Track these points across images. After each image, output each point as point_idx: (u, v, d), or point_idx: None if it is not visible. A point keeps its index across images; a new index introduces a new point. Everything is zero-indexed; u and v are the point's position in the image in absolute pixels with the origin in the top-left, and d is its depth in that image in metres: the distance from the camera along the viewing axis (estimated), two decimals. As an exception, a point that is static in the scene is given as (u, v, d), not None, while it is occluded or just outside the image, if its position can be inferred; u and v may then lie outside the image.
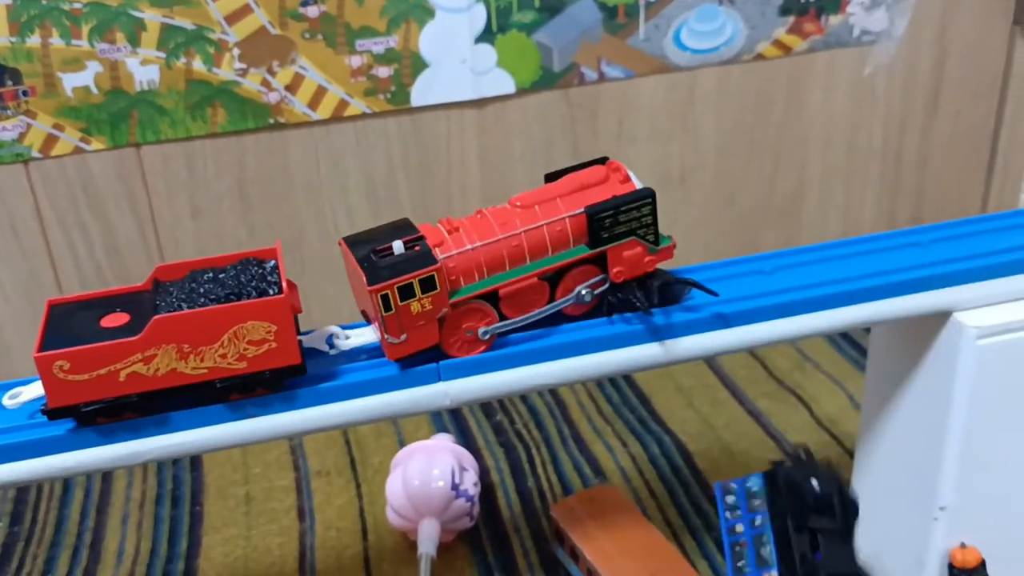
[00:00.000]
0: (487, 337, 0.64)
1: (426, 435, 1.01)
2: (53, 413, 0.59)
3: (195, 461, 1.06)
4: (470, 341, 0.64)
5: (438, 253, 0.61)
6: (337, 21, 1.02)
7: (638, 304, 0.66)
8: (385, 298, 0.59)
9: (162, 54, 0.99)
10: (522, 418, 1.11)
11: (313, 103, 1.05)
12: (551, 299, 0.66)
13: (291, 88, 1.03)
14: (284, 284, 0.60)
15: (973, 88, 1.30)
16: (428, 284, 0.60)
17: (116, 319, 0.60)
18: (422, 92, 1.07)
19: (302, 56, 1.02)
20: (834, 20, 1.19)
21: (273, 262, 0.63)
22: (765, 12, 1.15)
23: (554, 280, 0.65)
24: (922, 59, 1.26)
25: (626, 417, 1.10)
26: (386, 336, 0.61)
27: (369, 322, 0.65)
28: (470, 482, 0.90)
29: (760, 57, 1.18)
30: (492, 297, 0.64)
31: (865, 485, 0.84)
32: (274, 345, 0.59)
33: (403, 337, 0.61)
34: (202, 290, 0.60)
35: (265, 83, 1.02)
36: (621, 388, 1.16)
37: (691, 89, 1.18)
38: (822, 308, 0.69)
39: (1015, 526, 0.76)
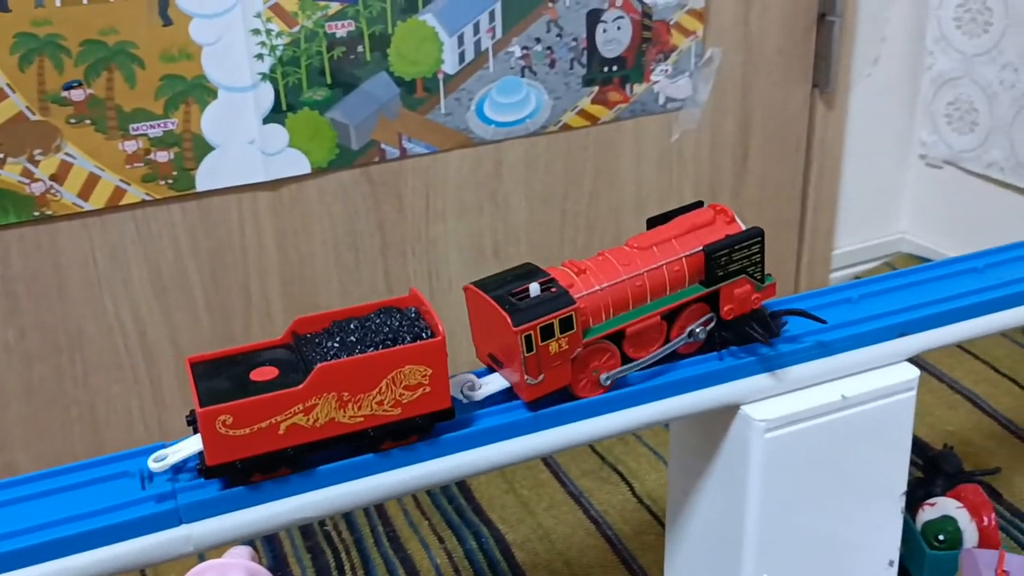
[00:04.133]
0: (608, 383, 0.65)
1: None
2: (211, 471, 0.57)
3: None
4: (594, 381, 0.65)
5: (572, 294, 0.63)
6: (106, 104, 0.94)
7: (758, 337, 0.68)
8: (528, 339, 0.60)
9: (-97, 145, 0.89)
10: (333, 517, 1.04)
11: (84, 192, 0.96)
12: (667, 337, 0.67)
13: (57, 177, 0.95)
14: (440, 326, 0.60)
15: (779, 150, 1.32)
16: (566, 324, 0.62)
17: (266, 373, 0.59)
18: (208, 176, 1.01)
19: (68, 143, 0.94)
20: (639, 89, 1.18)
21: (414, 309, 0.63)
22: (569, 83, 1.14)
23: (670, 319, 0.67)
24: (727, 123, 1.27)
25: (444, 508, 1.05)
26: (525, 377, 0.61)
27: (495, 369, 0.65)
28: (263, 605, 0.82)
29: (567, 128, 1.17)
30: (616, 337, 0.65)
31: (676, 565, 0.82)
32: (428, 390, 0.59)
33: (540, 378, 0.62)
34: (353, 338, 0.60)
35: (26, 173, 0.94)
36: (440, 475, 1.10)
37: (498, 162, 1.15)
38: (617, 408, 0.67)
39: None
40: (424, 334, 0.60)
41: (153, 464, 0.59)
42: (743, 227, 0.68)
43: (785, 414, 0.68)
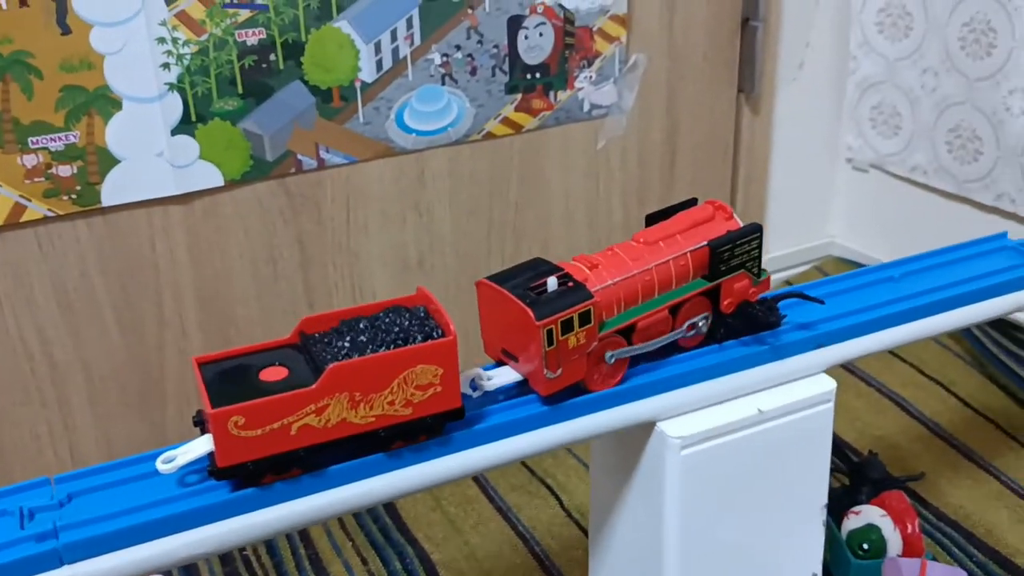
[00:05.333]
0: (613, 361, 0.65)
1: None
2: (222, 473, 0.56)
3: None
4: (606, 374, 0.66)
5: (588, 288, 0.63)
6: (3, 117, 0.90)
7: (763, 319, 0.69)
8: (549, 332, 0.60)
9: None
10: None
11: (-19, 209, 0.92)
12: (672, 331, 0.68)
13: (-49, 194, 0.90)
14: (451, 326, 0.59)
15: (706, 156, 1.32)
16: (585, 318, 0.62)
17: (275, 373, 0.59)
18: (115, 190, 0.97)
19: (-37, 157, 0.90)
20: (563, 96, 1.17)
21: (423, 308, 0.62)
22: (491, 91, 1.12)
23: (674, 313, 0.68)
24: (654, 130, 1.26)
25: (368, 528, 1.02)
26: (545, 371, 0.61)
27: (506, 363, 0.65)
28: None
29: (491, 136, 1.15)
30: (626, 331, 0.66)
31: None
32: (439, 389, 0.59)
33: (559, 372, 0.62)
34: (364, 338, 0.59)
35: (-82, 190, 0.89)
36: (365, 494, 1.07)
37: (421, 172, 1.13)
38: (532, 428, 0.65)
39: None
40: (435, 333, 0.60)
41: (162, 466, 0.58)
42: (741, 223, 0.70)
43: (701, 430, 0.67)
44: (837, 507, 0.92)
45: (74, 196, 0.95)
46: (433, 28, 1.06)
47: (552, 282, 0.62)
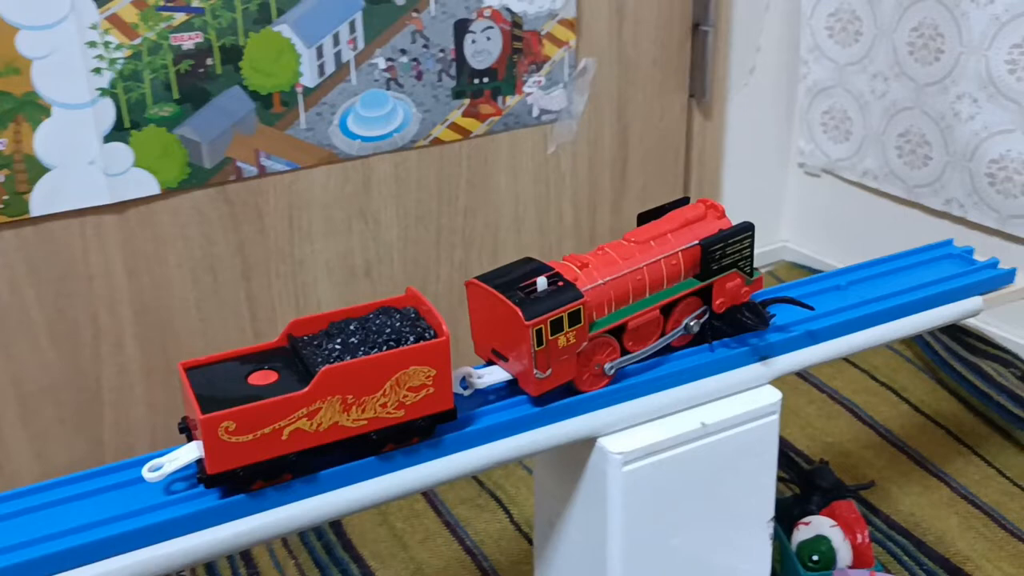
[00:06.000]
0: (612, 372, 0.65)
1: None
2: (212, 480, 0.55)
3: None
4: (597, 375, 0.65)
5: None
6: (-76, 124, 0.87)
7: (751, 324, 0.68)
8: (539, 332, 0.60)
9: None
10: (192, 560, 0.98)
11: (-98, 220, 0.88)
12: (663, 331, 0.67)
13: None
14: (444, 326, 0.58)
15: (658, 161, 1.31)
16: (575, 318, 0.61)
17: (265, 377, 0.58)
18: (45, 200, 0.93)
19: None
20: (511, 101, 1.15)
21: (413, 309, 0.61)
22: (438, 96, 1.10)
23: (666, 313, 0.67)
24: (605, 136, 1.25)
25: (312, 545, 1.00)
26: (535, 371, 0.61)
27: (495, 363, 0.64)
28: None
29: (438, 142, 1.13)
30: (617, 331, 0.65)
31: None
32: (431, 391, 0.58)
33: (548, 372, 0.61)
34: (355, 340, 0.58)
35: None
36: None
37: (366, 178, 1.10)
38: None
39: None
40: (427, 334, 0.59)
41: (148, 474, 0.56)
42: (732, 222, 0.69)
43: (643, 445, 0.65)
44: (787, 517, 0.91)
45: (1, 206, 0.92)
46: (377, 32, 1.04)
47: (542, 282, 0.62)
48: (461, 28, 1.09)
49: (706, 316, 0.69)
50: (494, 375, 0.64)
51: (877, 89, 1.27)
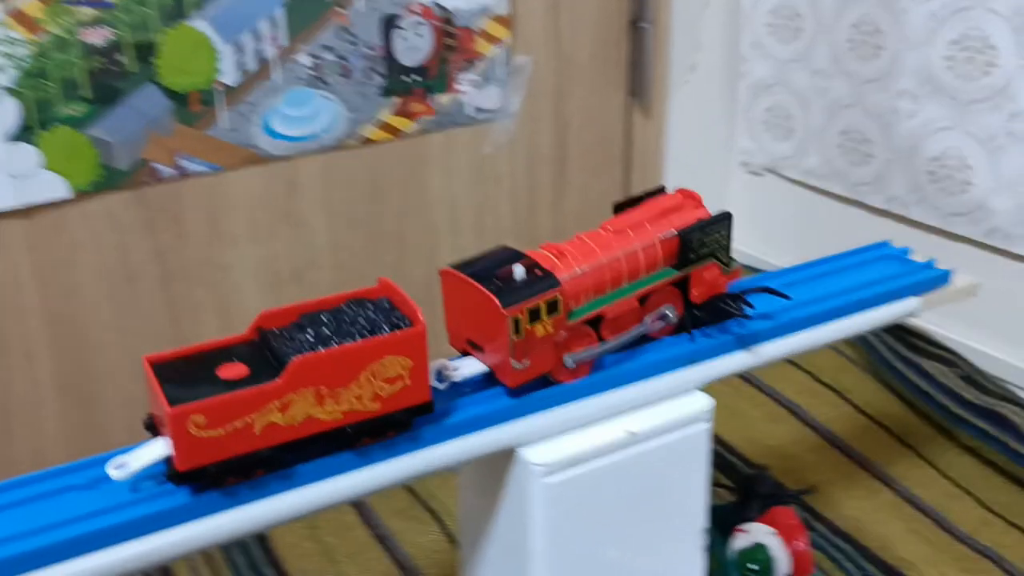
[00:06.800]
0: (574, 365, 0.63)
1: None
2: (182, 477, 0.53)
3: None
4: (571, 368, 0.63)
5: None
6: None
7: (734, 311, 0.68)
8: (516, 322, 0.59)
9: None
10: (108, 582, 0.93)
11: None
12: (641, 321, 0.66)
13: None
14: (419, 315, 0.57)
15: (597, 161, 1.28)
16: (552, 307, 0.60)
17: (234, 369, 0.56)
18: (-56, 204, 0.89)
19: None
20: (444, 99, 1.12)
21: (386, 299, 0.60)
22: (366, 94, 1.06)
23: (643, 302, 0.66)
24: (543, 134, 1.22)
25: (236, 561, 0.95)
26: (512, 362, 0.59)
27: (471, 354, 0.63)
28: None
29: (368, 142, 1.09)
30: (595, 320, 0.64)
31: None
32: (408, 383, 0.57)
33: (526, 362, 0.60)
34: (328, 330, 0.57)
35: None
36: (235, 525, 1.00)
37: (292, 180, 1.06)
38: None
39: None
40: (402, 324, 0.58)
41: (113, 472, 0.54)
42: (710, 212, 0.68)
43: (566, 455, 0.62)
44: (726, 524, 0.89)
45: None
46: (300, 28, 1.00)
47: (519, 270, 0.60)
48: (389, 24, 1.05)
49: (685, 305, 0.68)
50: (470, 366, 0.62)
51: (818, 86, 1.26)
